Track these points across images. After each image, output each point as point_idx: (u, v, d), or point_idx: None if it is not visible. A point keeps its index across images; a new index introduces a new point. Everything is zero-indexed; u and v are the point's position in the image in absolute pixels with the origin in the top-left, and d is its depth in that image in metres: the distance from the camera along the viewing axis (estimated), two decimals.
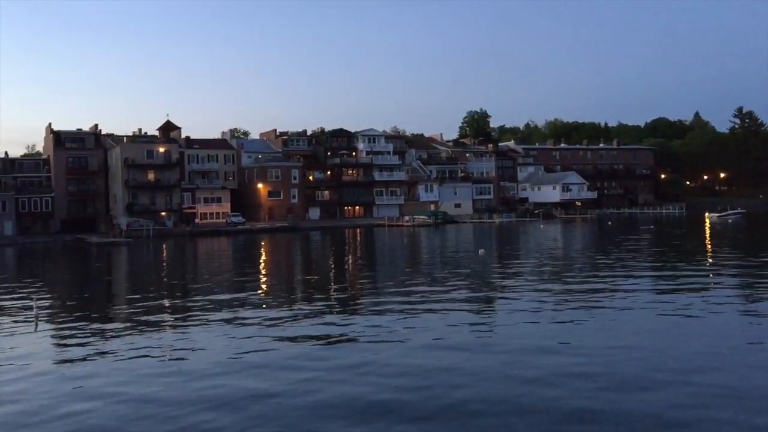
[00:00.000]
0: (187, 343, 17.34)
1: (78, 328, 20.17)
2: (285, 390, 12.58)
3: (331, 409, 11.41)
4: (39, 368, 15.06)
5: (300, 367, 14.27)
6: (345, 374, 13.61)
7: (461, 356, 14.85)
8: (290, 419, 10.93)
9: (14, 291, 31.25)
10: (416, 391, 12.25)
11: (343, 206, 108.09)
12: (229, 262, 47.92)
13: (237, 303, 24.36)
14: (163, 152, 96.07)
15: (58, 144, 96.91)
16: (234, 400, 12.01)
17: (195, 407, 11.69)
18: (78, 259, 56.61)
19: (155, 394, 12.55)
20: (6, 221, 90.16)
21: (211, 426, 10.75)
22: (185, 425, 10.80)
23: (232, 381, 13.34)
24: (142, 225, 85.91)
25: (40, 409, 11.90)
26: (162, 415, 11.35)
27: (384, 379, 13.19)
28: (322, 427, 10.53)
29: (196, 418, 11.14)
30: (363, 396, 12.07)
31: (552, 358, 14.47)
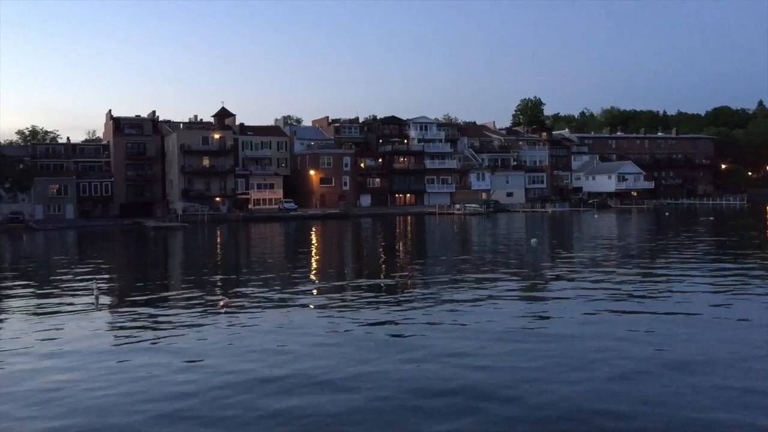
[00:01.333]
0: (239, 326, 17.56)
1: (136, 310, 20.67)
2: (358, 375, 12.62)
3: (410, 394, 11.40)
4: (98, 347, 15.47)
5: (364, 350, 14.31)
6: (405, 362, 13.57)
7: (516, 346, 14.66)
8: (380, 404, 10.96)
9: (76, 273, 32.23)
10: (479, 379, 12.14)
11: (394, 194, 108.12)
12: (282, 247, 48.44)
13: (289, 289, 24.58)
14: (218, 139, 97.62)
15: (118, 130, 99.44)
16: (309, 384, 12.10)
17: (264, 389, 11.82)
18: (136, 242, 58.09)
19: (207, 372, 12.74)
20: (67, 205, 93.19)
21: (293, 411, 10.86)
22: (279, 408, 10.93)
23: (300, 363, 13.42)
24: (197, 210, 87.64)
25: (98, 386, 12.21)
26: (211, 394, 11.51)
27: (442, 366, 13.11)
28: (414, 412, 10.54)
29: (271, 401, 11.27)
30: (434, 383, 12.03)
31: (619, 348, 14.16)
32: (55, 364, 13.87)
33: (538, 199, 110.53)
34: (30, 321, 18.99)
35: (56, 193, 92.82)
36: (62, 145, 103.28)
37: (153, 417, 10.48)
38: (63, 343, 15.86)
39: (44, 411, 10.86)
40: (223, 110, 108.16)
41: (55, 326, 17.99)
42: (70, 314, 19.84)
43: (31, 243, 59.22)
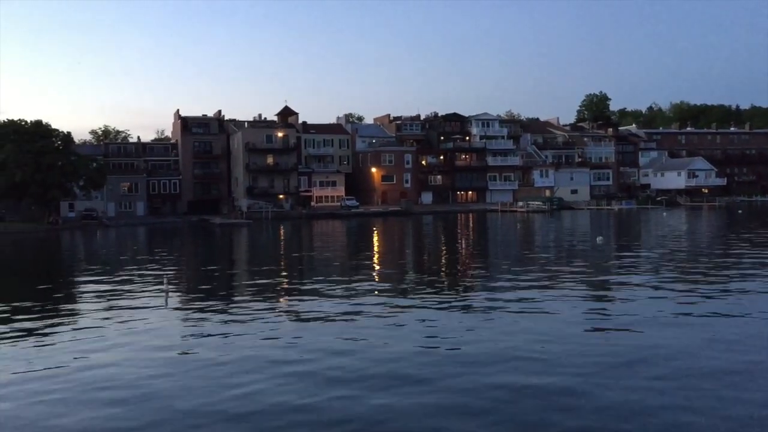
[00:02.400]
0: (302, 321, 17.77)
1: (204, 304, 21.17)
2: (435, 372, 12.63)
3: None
4: (167, 341, 15.91)
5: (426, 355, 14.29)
6: (469, 364, 13.48)
7: (578, 348, 14.36)
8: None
9: (146, 268, 33.26)
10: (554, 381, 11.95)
11: (455, 191, 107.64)
12: (344, 244, 48.84)
13: (351, 284, 24.73)
14: (282, 137, 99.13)
15: (185, 129, 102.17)
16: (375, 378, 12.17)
17: (327, 383, 11.95)
18: (203, 238, 59.56)
19: (271, 367, 12.93)
20: (138, 202, 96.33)
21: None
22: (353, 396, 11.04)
23: (362, 356, 13.52)
24: (261, 207, 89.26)
25: (164, 379, 12.54)
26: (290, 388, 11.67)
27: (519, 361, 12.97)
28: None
29: (331, 393, 11.38)
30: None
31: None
32: (125, 357, 14.31)
33: (604, 196, 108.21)
34: (103, 315, 19.65)
35: (128, 191, 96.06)
36: (133, 144, 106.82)
37: (214, 411, 10.69)
38: (134, 337, 16.34)
39: (113, 404, 11.22)
40: (287, 109, 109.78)
41: (126, 320, 18.58)
42: (141, 309, 20.46)
43: (104, 239, 61.43)
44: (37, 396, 11.62)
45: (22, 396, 11.68)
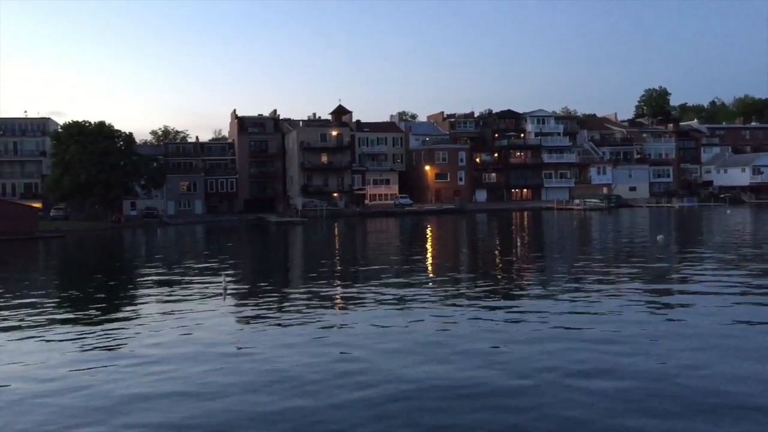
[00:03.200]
0: (351, 320, 17.85)
1: (261, 300, 21.52)
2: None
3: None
4: (225, 337, 16.22)
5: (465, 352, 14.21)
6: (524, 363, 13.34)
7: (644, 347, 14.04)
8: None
9: (205, 265, 33.98)
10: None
11: (510, 189, 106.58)
12: (397, 242, 48.89)
13: (405, 283, 24.74)
14: (336, 136, 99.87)
15: (242, 129, 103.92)
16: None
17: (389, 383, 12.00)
18: (259, 236, 60.51)
19: (328, 361, 13.05)
20: (196, 200, 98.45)
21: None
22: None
23: (418, 356, 13.54)
24: (316, 205, 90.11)
25: (221, 374, 12.79)
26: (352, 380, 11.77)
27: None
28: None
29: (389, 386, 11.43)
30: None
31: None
32: (184, 352, 14.64)
33: (664, 193, 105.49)
34: (164, 311, 20.17)
35: (186, 190, 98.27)
36: (191, 144, 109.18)
37: (273, 406, 10.85)
38: (193, 331, 16.73)
39: (172, 398, 11.49)
40: (340, 107, 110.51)
41: (186, 315, 19.02)
42: (200, 304, 20.92)
43: (164, 237, 63.02)
44: (98, 386, 12.01)
45: (79, 389, 12.08)
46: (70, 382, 12.47)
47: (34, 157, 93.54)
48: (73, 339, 16.26)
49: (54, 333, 17.01)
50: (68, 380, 12.58)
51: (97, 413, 10.64)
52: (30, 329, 17.56)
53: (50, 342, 15.99)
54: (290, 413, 10.45)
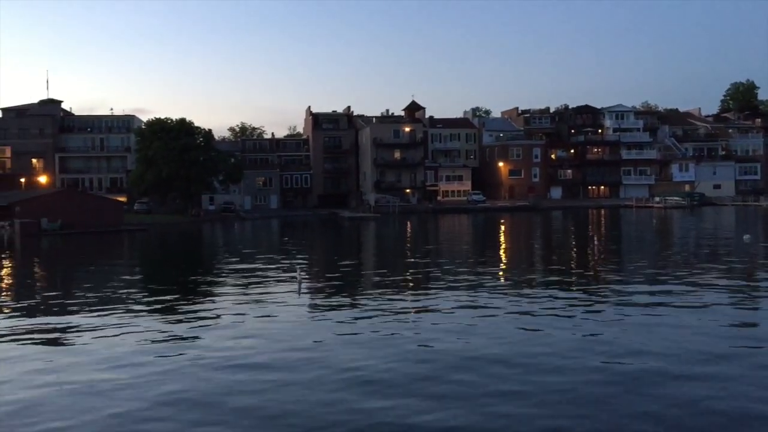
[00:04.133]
0: (426, 313, 17.79)
1: (335, 294, 21.76)
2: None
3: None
4: (299, 330, 16.46)
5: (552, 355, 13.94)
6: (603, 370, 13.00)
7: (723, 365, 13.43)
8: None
9: (280, 259, 34.62)
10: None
11: (586, 186, 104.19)
12: (470, 238, 48.53)
13: (478, 279, 24.51)
14: (409, 132, 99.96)
15: (316, 125, 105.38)
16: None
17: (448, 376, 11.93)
18: (332, 231, 61.22)
19: (400, 354, 13.05)
20: (272, 196, 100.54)
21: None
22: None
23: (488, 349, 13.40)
24: (388, 201, 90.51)
25: (297, 369, 12.96)
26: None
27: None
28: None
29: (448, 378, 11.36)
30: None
31: None
32: (259, 343, 14.92)
33: (751, 191, 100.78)
34: (241, 302, 20.64)
35: (262, 185, 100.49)
36: (267, 141, 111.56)
37: (345, 400, 10.92)
38: (268, 323, 17.04)
39: (254, 393, 11.73)
40: (414, 104, 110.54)
41: (261, 309, 19.39)
42: (275, 298, 21.30)
43: (241, 231, 64.57)
44: (170, 377, 12.38)
45: (160, 382, 12.47)
46: (147, 371, 12.90)
47: (119, 153, 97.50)
48: (153, 330, 16.81)
49: (134, 324, 17.63)
50: (145, 369, 13.01)
51: (171, 405, 10.95)
52: (112, 319, 18.26)
53: (129, 333, 16.56)
54: (369, 412, 10.48)
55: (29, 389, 11.77)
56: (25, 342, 15.64)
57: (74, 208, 61.56)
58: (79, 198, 67.50)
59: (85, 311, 19.51)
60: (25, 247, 47.50)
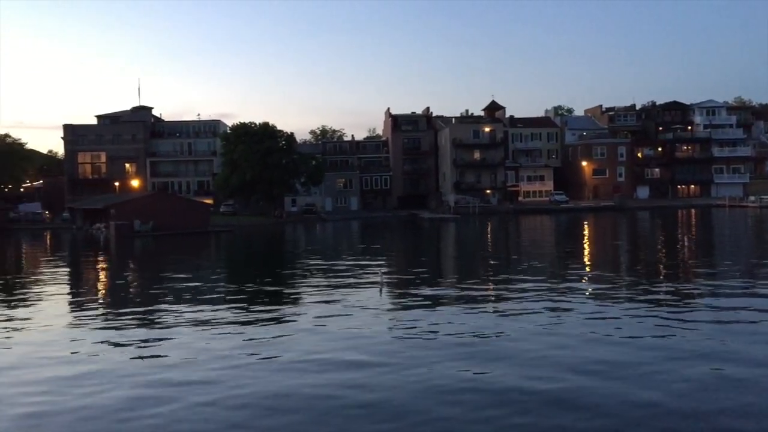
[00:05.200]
0: (506, 320, 17.52)
1: (416, 296, 21.75)
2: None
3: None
4: (381, 329, 16.54)
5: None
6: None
7: None
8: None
9: (361, 260, 34.92)
10: None
11: (675, 185, 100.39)
12: (553, 240, 47.58)
13: (561, 282, 24.00)
14: (488, 132, 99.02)
15: (396, 127, 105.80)
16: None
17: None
18: (412, 232, 61.28)
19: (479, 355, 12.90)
20: (352, 197, 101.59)
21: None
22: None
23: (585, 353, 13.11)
24: (468, 202, 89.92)
25: (377, 367, 13.01)
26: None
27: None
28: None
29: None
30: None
31: None
32: (344, 345, 15.07)
33: None
34: (323, 301, 20.95)
35: (343, 187, 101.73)
36: (347, 143, 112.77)
37: (431, 398, 10.88)
38: (350, 324, 17.18)
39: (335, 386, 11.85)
40: (493, 103, 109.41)
41: (343, 308, 19.61)
42: (357, 298, 21.50)
43: (322, 231, 65.55)
44: (254, 375, 12.65)
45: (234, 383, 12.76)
46: (233, 370, 13.24)
47: (206, 157, 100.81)
48: (237, 328, 17.27)
49: (220, 322, 18.16)
50: (231, 368, 13.36)
51: (254, 404, 11.20)
52: (198, 317, 18.86)
53: (217, 334, 17.06)
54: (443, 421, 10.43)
55: (134, 385, 12.31)
56: (127, 329, 16.37)
57: (164, 210, 64.02)
58: (169, 201, 70.13)
59: (177, 308, 20.23)
60: (120, 247, 49.75)
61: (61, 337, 16.78)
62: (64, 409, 10.92)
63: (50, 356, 14.59)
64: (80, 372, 13.16)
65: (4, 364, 14.02)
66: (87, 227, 68.71)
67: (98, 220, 67.05)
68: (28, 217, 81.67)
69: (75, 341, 16.16)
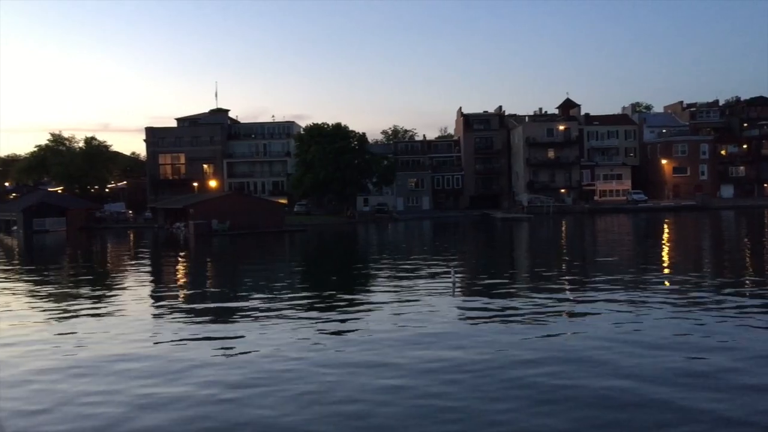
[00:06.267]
0: (582, 321, 17.11)
1: (489, 296, 21.52)
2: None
3: None
4: (453, 327, 16.44)
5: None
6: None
7: None
8: None
9: (433, 259, 34.84)
10: None
11: (762, 183, 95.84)
12: (631, 241, 46.20)
13: (639, 285, 23.28)
14: (563, 130, 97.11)
15: (467, 126, 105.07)
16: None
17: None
18: (485, 232, 60.70)
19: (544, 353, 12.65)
20: (424, 197, 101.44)
21: None
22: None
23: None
24: (542, 202, 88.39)
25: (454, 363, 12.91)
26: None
27: None
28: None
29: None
30: None
31: None
32: (412, 344, 15.05)
33: None
34: (395, 301, 20.99)
35: (414, 186, 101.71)
36: (419, 142, 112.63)
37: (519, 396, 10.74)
38: (424, 324, 17.15)
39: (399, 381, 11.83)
40: (568, 101, 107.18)
41: (416, 308, 19.60)
42: (430, 297, 21.45)
43: (394, 231, 65.72)
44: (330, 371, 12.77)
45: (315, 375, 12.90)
46: (306, 364, 13.41)
47: (280, 158, 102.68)
48: (309, 325, 17.50)
49: (294, 318, 18.45)
50: (304, 360, 13.53)
51: (322, 398, 11.31)
52: (275, 314, 19.20)
53: (295, 328, 17.33)
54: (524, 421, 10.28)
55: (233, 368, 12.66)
56: (209, 324, 16.85)
57: (240, 210, 65.56)
58: (245, 201, 71.77)
59: (254, 304, 20.68)
60: (199, 245, 51.25)
61: (145, 328, 17.42)
62: (164, 400, 11.32)
63: (138, 347, 15.16)
64: (173, 363, 13.62)
65: (125, 352, 14.64)
66: (168, 226, 71.10)
67: (178, 220, 69.26)
68: (113, 217, 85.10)
69: (159, 333, 16.77)
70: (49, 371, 13.38)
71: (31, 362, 14.11)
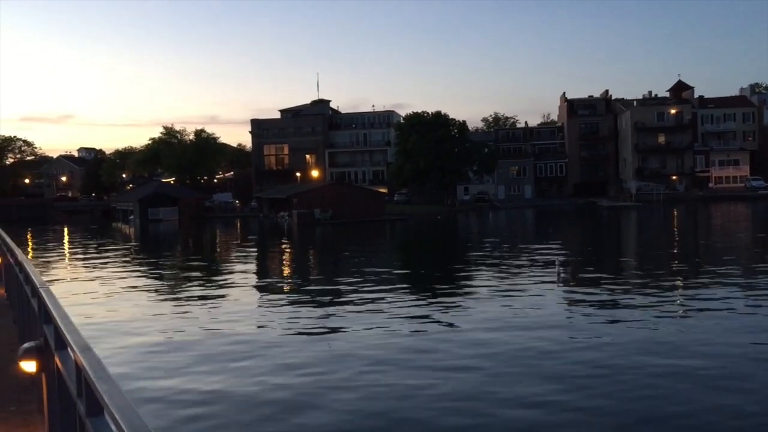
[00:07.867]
0: (694, 319, 16.18)
1: (596, 287, 20.79)
2: None
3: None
4: (556, 319, 15.99)
5: None
6: None
7: None
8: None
9: (537, 249, 34.08)
10: None
11: None
12: (749, 230, 43.46)
13: (753, 278, 21.84)
14: (674, 114, 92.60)
15: (571, 111, 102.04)
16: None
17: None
18: (590, 221, 58.84)
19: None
20: (526, 185, 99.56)
21: None
22: None
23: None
24: (651, 189, 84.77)
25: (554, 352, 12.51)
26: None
27: None
28: None
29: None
30: None
31: None
32: (516, 334, 14.71)
33: None
34: (497, 290, 20.65)
35: (516, 175, 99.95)
36: (521, 130, 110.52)
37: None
38: (527, 315, 16.79)
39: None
40: (680, 83, 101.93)
41: (519, 298, 19.21)
42: (533, 287, 20.98)
43: (495, 220, 64.89)
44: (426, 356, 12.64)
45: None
46: (403, 349, 13.37)
47: (380, 147, 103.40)
48: (409, 312, 17.46)
49: (399, 305, 18.46)
50: (403, 346, 13.49)
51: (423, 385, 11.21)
52: (374, 302, 19.29)
53: (396, 317, 17.35)
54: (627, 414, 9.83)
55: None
56: (316, 308, 17.19)
57: (342, 199, 66.56)
58: (346, 190, 72.82)
59: (357, 292, 20.91)
60: (302, 234, 52.49)
61: (252, 314, 17.95)
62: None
63: (261, 332, 15.62)
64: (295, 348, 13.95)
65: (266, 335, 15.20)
66: (272, 215, 73.22)
67: (282, 209, 71.17)
68: (221, 206, 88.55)
69: (268, 320, 17.22)
70: (155, 345, 13.97)
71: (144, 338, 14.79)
